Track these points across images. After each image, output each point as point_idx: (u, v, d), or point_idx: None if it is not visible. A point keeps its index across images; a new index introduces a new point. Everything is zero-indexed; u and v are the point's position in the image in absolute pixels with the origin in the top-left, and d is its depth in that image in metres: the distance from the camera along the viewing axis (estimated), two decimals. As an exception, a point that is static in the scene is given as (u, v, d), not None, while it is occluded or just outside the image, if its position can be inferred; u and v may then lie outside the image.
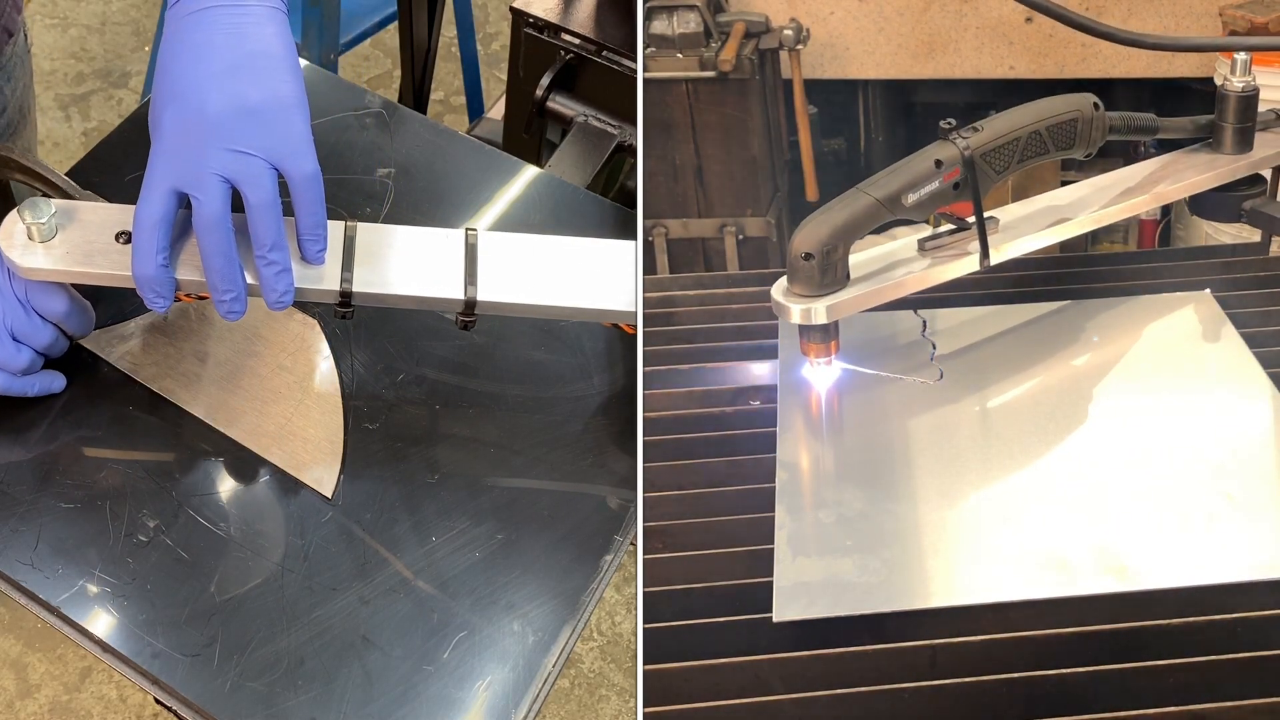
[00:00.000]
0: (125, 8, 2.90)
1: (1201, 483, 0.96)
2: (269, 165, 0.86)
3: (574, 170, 1.31)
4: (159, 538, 0.88)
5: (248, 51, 0.87)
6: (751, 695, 0.82)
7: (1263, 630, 0.83)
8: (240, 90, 0.86)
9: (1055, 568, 0.89)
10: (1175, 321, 1.16)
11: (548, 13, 1.44)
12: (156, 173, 0.86)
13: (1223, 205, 1.24)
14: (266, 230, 0.86)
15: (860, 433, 1.05)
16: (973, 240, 1.07)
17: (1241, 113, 1.21)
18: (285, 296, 0.89)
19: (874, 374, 1.09)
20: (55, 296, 0.92)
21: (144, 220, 0.86)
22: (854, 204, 1.01)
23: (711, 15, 1.74)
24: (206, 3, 0.88)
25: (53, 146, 2.61)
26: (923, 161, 1.02)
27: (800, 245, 1.01)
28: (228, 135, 0.85)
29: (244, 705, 0.82)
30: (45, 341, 0.93)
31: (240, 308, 0.88)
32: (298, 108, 0.87)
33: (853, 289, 1.03)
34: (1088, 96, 1.10)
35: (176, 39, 0.89)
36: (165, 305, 0.89)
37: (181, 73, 0.87)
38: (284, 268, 0.88)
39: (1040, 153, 1.08)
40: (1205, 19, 1.79)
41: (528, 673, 0.85)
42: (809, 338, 1.05)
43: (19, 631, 1.99)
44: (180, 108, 0.86)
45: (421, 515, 0.91)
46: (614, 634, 2.07)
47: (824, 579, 0.90)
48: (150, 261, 0.86)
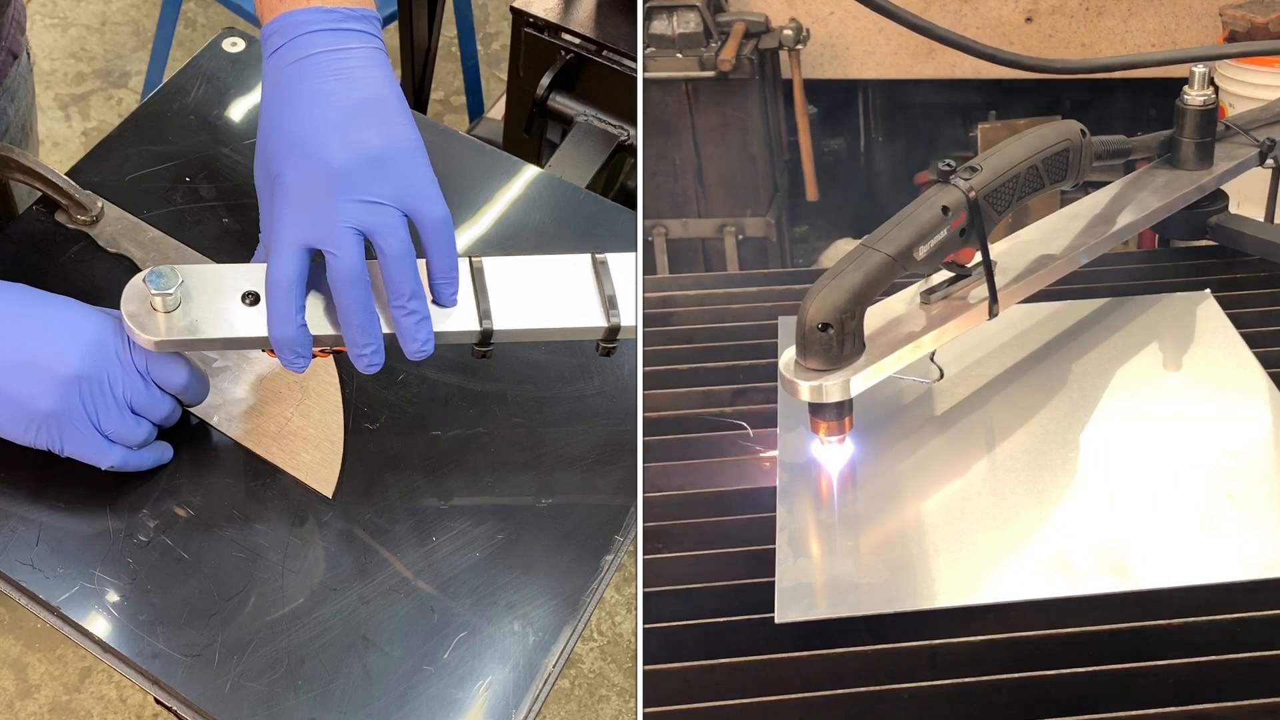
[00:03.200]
0: (125, 8, 2.90)
1: (1202, 483, 0.96)
2: (400, 212, 0.84)
3: (574, 170, 1.31)
4: (159, 538, 0.88)
5: (360, 98, 0.86)
6: (751, 695, 0.82)
7: (1263, 630, 0.83)
8: (361, 139, 0.84)
9: (1056, 568, 0.89)
10: (1175, 321, 1.16)
11: (548, 13, 1.44)
12: (285, 230, 0.83)
13: (1187, 223, 1.23)
14: (405, 280, 0.84)
15: (861, 434, 1.05)
16: (974, 287, 1.02)
17: (1201, 128, 1.19)
18: (427, 345, 0.86)
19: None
20: (176, 367, 0.88)
21: (279, 281, 0.83)
22: (867, 264, 0.93)
23: (711, 15, 1.74)
24: (310, 49, 0.87)
25: (53, 146, 2.61)
26: (929, 210, 0.96)
27: (815, 315, 0.92)
28: (356, 186, 0.83)
29: (244, 705, 0.82)
30: (164, 414, 0.90)
31: (380, 360, 0.85)
32: (419, 150, 0.86)
33: (871, 357, 0.95)
34: (1073, 124, 1.06)
35: (282, 89, 0.86)
36: (305, 365, 0.86)
37: (295, 124, 0.85)
38: (424, 316, 0.85)
39: (1036, 188, 1.03)
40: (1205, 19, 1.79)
41: (528, 673, 0.85)
42: (824, 415, 0.96)
43: (19, 631, 1.99)
44: (302, 161, 0.83)
45: (421, 515, 0.91)
46: (614, 634, 2.07)
47: (826, 580, 0.90)
48: (290, 323, 0.84)
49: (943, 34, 1.10)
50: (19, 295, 0.87)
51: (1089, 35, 1.85)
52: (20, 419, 0.85)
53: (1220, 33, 1.70)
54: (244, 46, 1.18)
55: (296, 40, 0.87)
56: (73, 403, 0.84)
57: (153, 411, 0.89)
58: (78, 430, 0.85)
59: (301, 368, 0.86)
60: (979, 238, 0.98)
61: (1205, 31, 1.79)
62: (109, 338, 0.86)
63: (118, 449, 0.87)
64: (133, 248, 1.03)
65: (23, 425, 0.85)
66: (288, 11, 0.88)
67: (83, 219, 1.04)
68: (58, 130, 2.65)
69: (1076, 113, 1.91)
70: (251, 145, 1.10)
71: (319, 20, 0.88)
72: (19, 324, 0.85)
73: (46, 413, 0.84)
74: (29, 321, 0.85)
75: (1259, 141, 1.23)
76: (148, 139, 1.11)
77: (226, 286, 0.87)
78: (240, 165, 1.09)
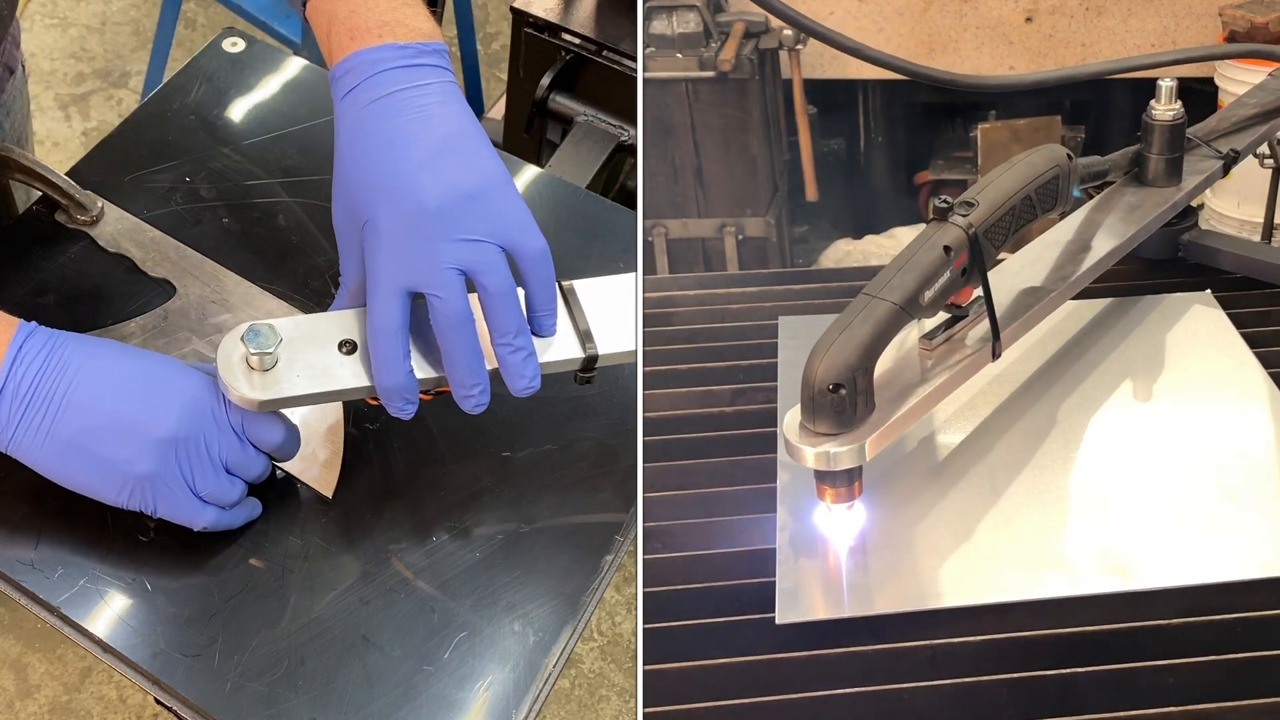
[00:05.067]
0: (125, 8, 2.90)
1: (1202, 482, 0.96)
2: (499, 248, 0.82)
3: (574, 170, 1.31)
4: (159, 538, 0.88)
5: (444, 134, 0.84)
6: (751, 695, 0.82)
7: (1263, 630, 0.83)
8: (452, 177, 0.82)
9: (1056, 568, 0.89)
10: (1176, 322, 1.16)
11: (548, 13, 1.44)
12: (385, 275, 0.81)
13: (1159, 242, 1.19)
14: (510, 317, 0.83)
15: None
16: (971, 328, 0.97)
17: (1171, 143, 1.14)
18: (534, 381, 0.85)
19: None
20: (272, 426, 0.86)
21: (384, 328, 0.81)
22: (873, 315, 0.87)
23: (711, 15, 1.74)
24: (387, 88, 0.85)
25: (53, 146, 2.61)
26: (931, 251, 0.90)
27: (826, 376, 0.85)
28: (455, 225, 0.81)
29: (244, 705, 0.82)
30: (258, 472, 0.87)
31: (487, 400, 0.84)
32: (509, 183, 0.84)
33: (882, 415, 0.88)
34: (1058, 148, 1.02)
35: (362, 131, 0.85)
36: (413, 411, 0.84)
37: (383, 166, 0.83)
38: (530, 351, 0.84)
39: (1030, 218, 0.99)
40: (1205, 19, 1.79)
41: (528, 673, 0.85)
42: (835, 481, 0.89)
43: (19, 631, 1.99)
44: (395, 204, 0.82)
45: (421, 515, 0.91)
46: (614, 634, 2.07)
47: (826, 580, 0.90)
48: (398, 370, 0.82)
49: (850, 45, 1.06)
50: (112, 353, 0.85)
51: (1089, 35, 1.85)
52: (114, 482, 0.82)
53: (1220, 33, 1.70)
54: (244, 46, 1.17)
55: (373, 79, 0.86)
56: (169, 465, 0.82)
57: (248, 470, 0.86)
58: (172, 493, 0.83)
59: (410, 414, 0.84)
60: (981, 275, 0.94)
61: (1205, 31, 1.79)
62: (205, 397, 0.84)
63: (211, 510, 0.85)
64: (133, 248, 1.03)
65: (116, 488, 0.83)
66: (360, 50, 0.86)
67: (83, 219, 1.04)
68: (58, 130, 2.65)
69: (1077, 113, 1.91)
70: (252, 145, 1.11)
71: (394, 58, 0.86)
72: (113, 384, 0.83)
73: (142, 476, 0.82)
74: (123, 381, 0.83)
75: (1221, 153, 1.19)
76: (148, 139, 1.11)
77: (321, 337, 0.85)
78: (240, 165, 1.09)
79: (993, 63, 1.86)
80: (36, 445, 0.82)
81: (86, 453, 0.82)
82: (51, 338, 0.83)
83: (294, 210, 1.07)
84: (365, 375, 0.84)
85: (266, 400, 0.82)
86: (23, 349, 0.82)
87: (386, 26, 0.87)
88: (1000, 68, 1.86)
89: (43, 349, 0.82)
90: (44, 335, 0.83)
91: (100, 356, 0.84)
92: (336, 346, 0.84)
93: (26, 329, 0.83)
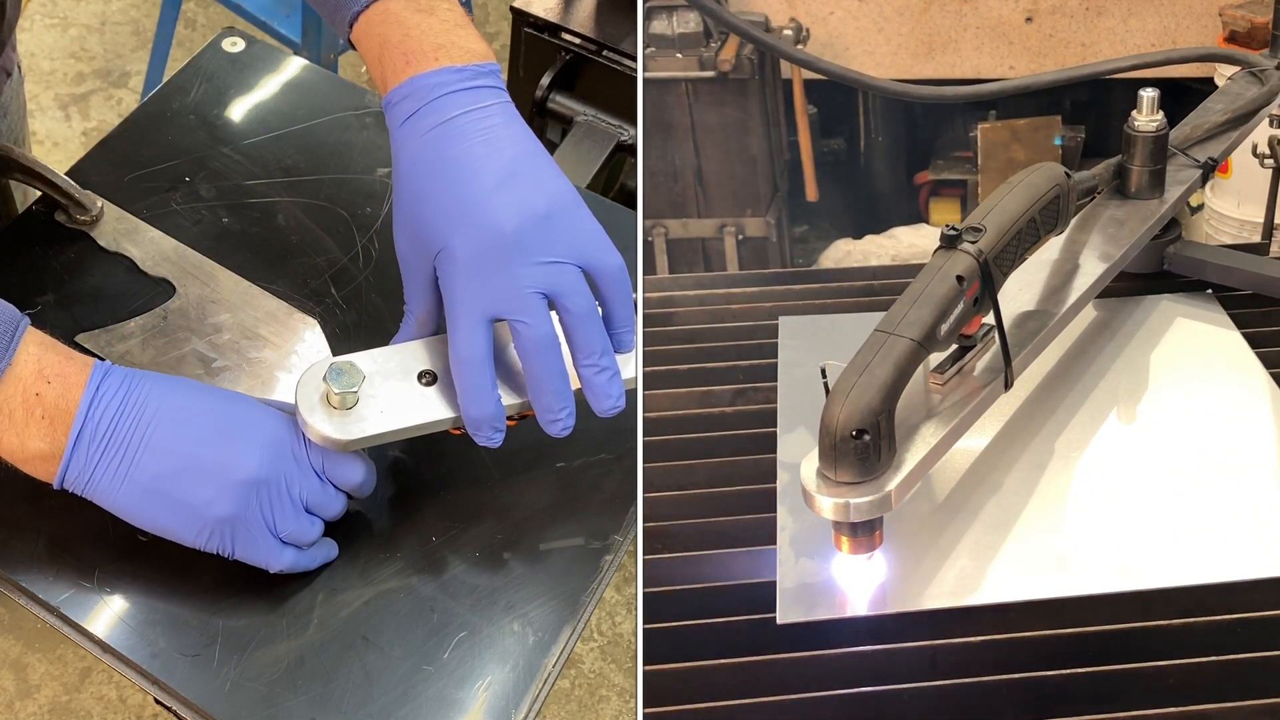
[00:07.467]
0: (125, 7, 2.90)
1: (1202, 482, 0.96)
2: (579, 269, 0.82)
3: (574, 170, 1.30)
4: (159, 538, 0.88)
5: (512, 157, 0.83)
6: (751, 695, 0.82)
7: (1263, 630, 0.83)
8: (525, 199, 0.81)
9: (1056, 567, 0.89)
10: (1176, 321, 1.16)
11: (548, 13, 1.43)
12: (466, 304, 0.81)
13: (1145, 255, 1.17)
14: (594, 338, 0.82)
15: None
16: (982, 356, 0.94)
17: (1154, 155, 1.12)
18: (620, 400, 0.84)
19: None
20: (353, 466, 0.84)
21: (471, 359, 0.81)
22: (893, 354, 0.83)
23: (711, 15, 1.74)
24: (449, 112, 0.84)
25: (53, 146, 2.61)
26: (943, 282, 0.87)
27: (849, 422, 0.81)
28: (533, 248, 0.80)
29: (244, 705, 0.82)
30: (336, 511, 0.86)
31: (573, 422, 0.83)
32: (579, 201, 0.84)
33: (903, 459, 0.85)
34: (1056, 167, 0.99)
35: (426, 158, 0.83)
36: (501, 439, 0.83)
37: (453, 193, 0.82)
38: (615, 371, 0.83)
39: (1034, 241, 0.96)
40: (1205, 19, 1.79)
41: (528, 673, 0.85)
42: (856, 532, 0.85)
43: (19, 631, 1.99)
44: (471, 230, 0.81)
45: (421, 515, 0.91)
46: (614, 634, 2.07)
47: (827, 580, 0.90)
48: (488, 400, 0.81)
49: (794, 55, 1.06)
50: (188, 391, 0.83)
51: (1089, 35, 1.85)
52: (193, 524, 0.81)
53: (1220, 33, 1.70)
54: (244, 46, 1.17)
55: (433, 104, 0.84)
56: (249, 507, 0.81)
57: (327, 510, 0.85)
58: (252, 535, 0.82)
59: (498, 443, 0.83)
60: (992, 303, 0.91)
61: (1205, 31, 1.79)
62: (285, 437, 0.83)
63: (290, 551, 0.84)
64: (133, 248, 1.03)
65: (195, 530, 0.81)
66: (417, 75, 0.85)
67: (83, 219, 1.04)
68: (58, 130, 2.65)
69: (1077, 113, 1.91)
70: (251, 145, 1.11)
71: (453, 81, 0.85)
72: (193, 425, 0.81)
73: (222, 518, 0.81)
74: (202, 421, 0.81)
75: (1199, 162, 1.16)
76: (148, 139, 1.11)
77: (399, 370, 0.84)
78: (240, 165, 1.09)
79: (993, 63, 1.86)
80: (114, 489, 0.81)
81: (166, 496, 0.80)
82: (128, 377, 0.81)
83: (293, 210, 1.07)
84: (449, 406, 0.83)
85: (351, 440, 0.81)
86: (99, 390, 0.80)
87: (442, 49, 0.86)
88: (1000, 68, 1.86)
89: (119, 389, 0.80)
90: (120, 375, 0.81)
91: (177, 395, 0.82)
92: (416, 378, 0.84)
93: (102, 369, 0.81)
